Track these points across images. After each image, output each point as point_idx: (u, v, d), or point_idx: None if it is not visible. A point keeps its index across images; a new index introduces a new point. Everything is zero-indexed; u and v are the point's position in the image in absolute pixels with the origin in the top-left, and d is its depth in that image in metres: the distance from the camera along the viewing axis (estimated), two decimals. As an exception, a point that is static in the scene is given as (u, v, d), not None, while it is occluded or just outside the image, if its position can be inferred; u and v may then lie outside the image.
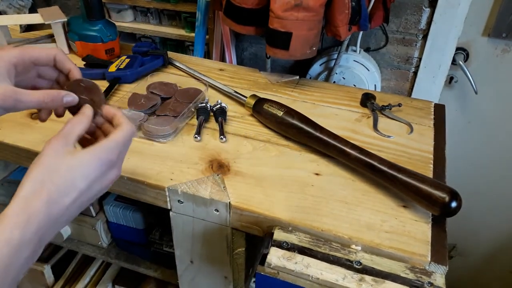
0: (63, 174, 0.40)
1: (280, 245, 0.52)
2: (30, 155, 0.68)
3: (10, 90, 0.43)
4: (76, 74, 0.50)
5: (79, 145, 0.49)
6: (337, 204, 0.58)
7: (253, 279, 0.75)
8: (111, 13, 1.22)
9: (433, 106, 0.82)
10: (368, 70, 1.04)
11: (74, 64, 0.50)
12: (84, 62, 0.89)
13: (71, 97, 0.47)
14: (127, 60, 0.86)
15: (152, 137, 0.70)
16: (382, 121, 0.77)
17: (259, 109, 0.74)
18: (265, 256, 0.51)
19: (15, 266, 0.36)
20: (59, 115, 0.51)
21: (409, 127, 0.75)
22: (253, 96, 0.76)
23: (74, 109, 0.48)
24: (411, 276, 0.49)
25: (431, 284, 0.48)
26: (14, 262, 0.36)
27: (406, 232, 0.54)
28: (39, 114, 0.51)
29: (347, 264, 0.50)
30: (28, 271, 1.09)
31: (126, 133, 0.46)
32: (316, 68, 1.08)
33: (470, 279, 1.55)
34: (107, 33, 0.92)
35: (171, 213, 0.64)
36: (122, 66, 0.85)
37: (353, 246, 0.53)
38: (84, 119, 0.46)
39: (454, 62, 1.07)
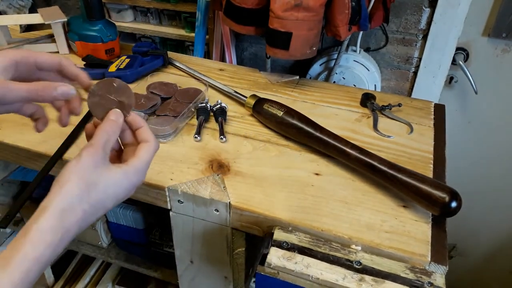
0: (100, 194, 0.40)
1: (280, 245, 0.52)
2: (30, 155, 0.68)
3: (0, 79, 0.42)
4: (84, 79, 0.47)
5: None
6: (337, 204, 0.58)
7: (253, 279, 0.75)
8: (111, 13, 1.22)
9: (433, 106, 0.82)
10: (368, 70, 1.04)
11: (81, 70, 0.48)
12: (84, 62, 0.89)
13: (66, 88, 0.43)
14: (127, 60, 0.86)
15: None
16: (382, 121, 0.77)
17: (259, 109, 0.74)
18: (265, 256, 0.51)
19: (36, 279, 0.36)
20: (64, 123, 0.48)
21: (409, 127, 0.75)
22: (253, 96, 0.76)
23: (100, 112, 0.45)
24: (411, 276, 0.49)
25: (431, 284, 0.48)
26: (38, 276, 0.36)
27: (406, 232, 0.54)
28: (35, 124, 0.49)
29: (347, 264, 0.50)
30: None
31: (154, 150, 0.45)
32: (316, 68, 1.08)
33: (470, 279, 1.55)
34: (107, 33, 0.92)
35: (171, 213, 0.64)
36: (122, 66, 0.85)
37: (353, 246, 0.53)
38: (116, 128, 0.44)
39: (454, 62, 1.07)
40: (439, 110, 0.81)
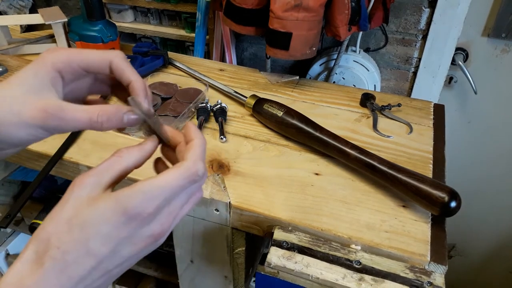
0: (74, 234, 0.29)
1: (280, 244, 0.52)
2: (30, 155, 0.68)
3: (53, 105, 0.33)
4: (138, 90, 0.36)
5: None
6: (337, 204, 0.58)
7: (253, 279, 0.75)
8: (111, 14, 1.22)
9: (432, 106, 0.83)
10: (368, 70, 1.04)
11: (136, 75, 0.37)
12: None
13: (134, 116, 0.34)
14: (128, 60, 0.86)
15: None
16: (382, 121, 0.77)
17: (259, 109, 0.74)
18: (265, 255, 0.51)
19: None
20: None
21: (409, 127, 0.75)
22: (253, 96, 0.77)
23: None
24: (410, 275, 0.49)
25: (430, 283, 0.48)
26: None
27: (405, 232, 0.54)
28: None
29: (346, 264, 0.50)
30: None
31: (181, 176, 0.31)
32: (316, 68, 1.08)
33: (470, 279, 1.55)
34: (107, 33, 0.92)
35: (171, 213, 0.64)
36: (122, 66, 0.85)
37: (353, 246, 0.53)
38: (135, 152, 0.34)
39: (453, 62, 1.07)
40: (439, 110, 0.81)
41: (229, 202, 0.58)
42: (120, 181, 0.33)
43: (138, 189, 0.29)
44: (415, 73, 1.07)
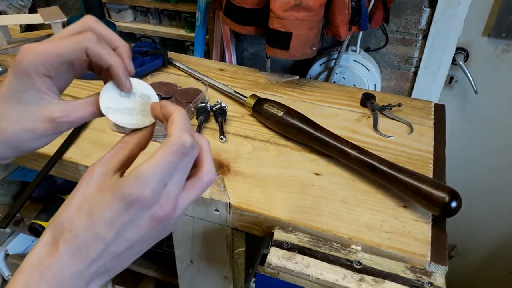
0: (83, 219, 0.31)
1: (280, 245, 0.52)
2: (30, 155, 0.68)
3: (59, 113, 0.35)
4: (116, 74, 0.36)
5: None
6: (337, 204, 0.58)
7: (253, 279, 0.75)
8: (111, 13, 1.22)
9: (433, 106, 0.82)
10: (368, 70, 1.03)
11: (113, 55, 0.35)
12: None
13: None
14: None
15: (152, 137, 0.70)
16: (382, 121, 0.77)
17: (259, 109, 0.74)
18: (265, 256, 0.51)
19: None
20: (129, 88, 0.38)
21: (409, 127, 0.75)
22: (253, 96, 0.76)
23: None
24: (411, 276, 0.49)
25: (431, 284, 0.48)
26: None
27: (406, 232, 0.54)
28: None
29: (347, 264, 0.50)
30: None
31: (168, 152, 0.32)
32: (316, 68, 1.08)
33: (470, 279, 1.55)
34: (107, 33, 0.92)
35: (171, 213, 0.63)
36: (122, 66, 0.85)
37: (353, 246, 0.53)
38: (135, 135, 0.37)
39: (454, 62, 1.07)
40: (439, 110, 0.81)
41: (229, 202, 0.58)
42: (130, 164, 0.35)
43: (133, 175, 0.31)
44: (415, 73, 1.07)
